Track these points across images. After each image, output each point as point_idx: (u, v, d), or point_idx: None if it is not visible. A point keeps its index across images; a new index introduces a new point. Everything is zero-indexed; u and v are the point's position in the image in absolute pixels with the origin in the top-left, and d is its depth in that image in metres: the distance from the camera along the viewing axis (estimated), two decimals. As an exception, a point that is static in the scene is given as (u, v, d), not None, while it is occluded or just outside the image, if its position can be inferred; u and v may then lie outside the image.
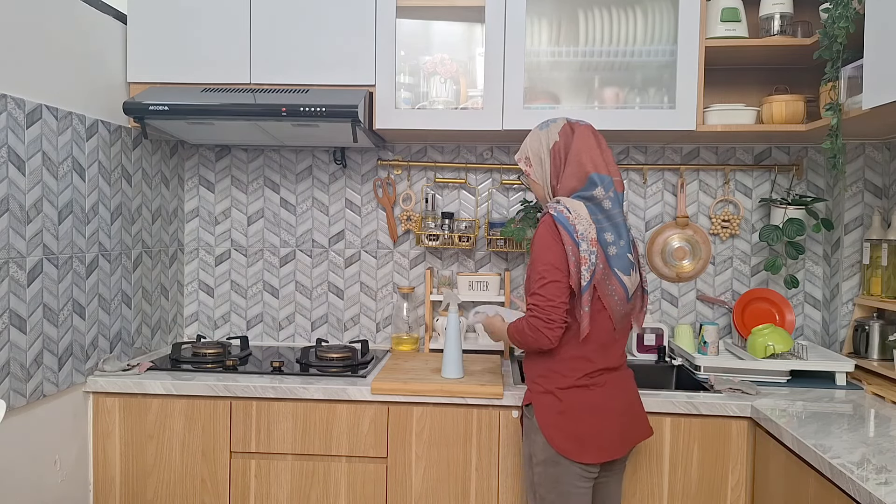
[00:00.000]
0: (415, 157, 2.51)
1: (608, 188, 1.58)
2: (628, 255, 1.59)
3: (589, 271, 1.51)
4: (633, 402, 1.66)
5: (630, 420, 1.63)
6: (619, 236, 1.58)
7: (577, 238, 1.52)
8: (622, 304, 1.59)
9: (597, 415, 1.57)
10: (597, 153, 1.60)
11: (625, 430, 1.61)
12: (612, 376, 1.61)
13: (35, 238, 1.75)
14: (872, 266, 2.14)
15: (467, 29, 2.29)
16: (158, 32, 2.16)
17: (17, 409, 1.71)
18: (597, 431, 1.56)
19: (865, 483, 1.25)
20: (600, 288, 1.56)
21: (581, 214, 1.54)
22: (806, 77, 2.27)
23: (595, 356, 1.58)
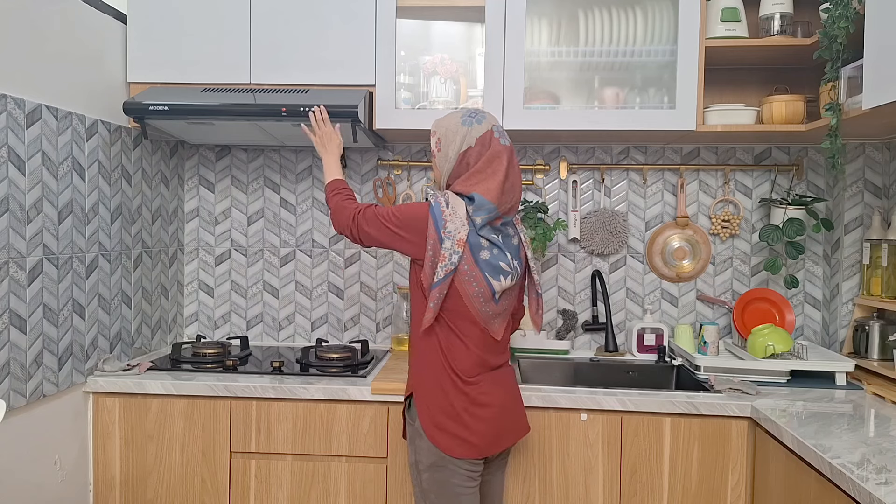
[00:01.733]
0: (415, 157, 2.51)
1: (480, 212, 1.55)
2: (502, 263, 1.59)
3: (445, 270, 1.52)
4: (512, 400, 1.68)
5: (509, 417, 1.66)
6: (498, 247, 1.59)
7: (442, 234, 1.54)
8: (486, 303, 1.58)
9: (476, 412, 1.60)
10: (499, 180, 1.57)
11: (504, 427, 1.64)
12: (491, 374, 1.64)
13: (35, 238, 1.75)
14: (872, 266, 2.14)
15: (467, 29, 2.29)
16: (158, 32, 2.16)
17: (17, 409, 1.71)
18: (477, 428, 1.59)
19: (865, 483, 1.25)
20: (463, 288, 1.56)
21: (458, 213, 1.55)
22: (806, 77, 2.27)
23: (468, 354, 1.60)
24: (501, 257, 1.60)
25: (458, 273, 1.56)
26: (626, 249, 2.47)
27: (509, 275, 1.61)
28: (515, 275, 1.63)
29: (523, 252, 1.69)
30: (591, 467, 1.88)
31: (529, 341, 2.37)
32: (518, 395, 1.72)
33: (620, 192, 2.46)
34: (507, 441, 1.66)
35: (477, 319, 1.60)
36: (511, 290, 1.65)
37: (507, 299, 1.64)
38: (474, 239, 1.56)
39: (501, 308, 1.63)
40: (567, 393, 1.87)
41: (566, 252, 2.48)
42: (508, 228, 1.66)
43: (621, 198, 2.46)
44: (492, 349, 1.64)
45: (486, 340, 1.62)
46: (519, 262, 1.66)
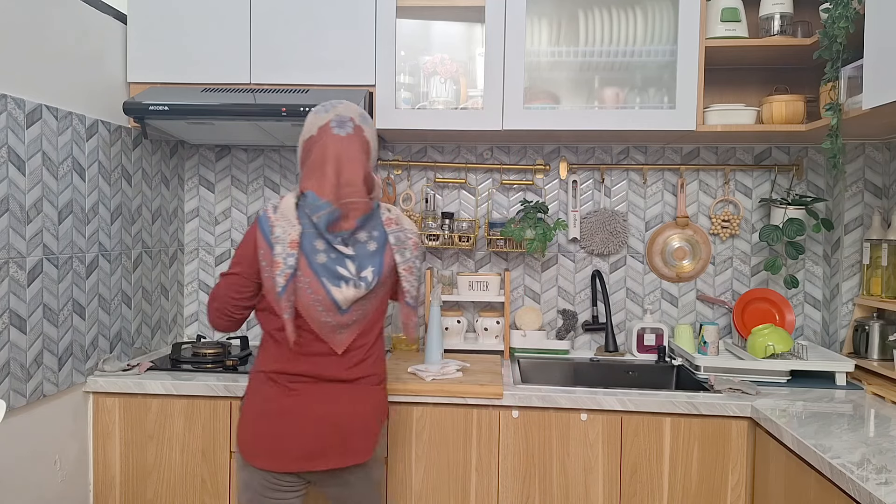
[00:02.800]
0: (415, 157, 2.51)
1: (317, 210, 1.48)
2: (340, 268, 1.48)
3: (284, 276, 1.45)
4: (337, 420, 1.52)
5: (329, 436, 1.51)
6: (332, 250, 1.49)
7: (271, 240, 1.47)
8: (328, 313, 1.49)
9: (286, 421, 1.50)
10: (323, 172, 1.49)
11: (319, 445, 1.50)
12: (317, 387, 1.52)
13: (35, 238, 1.75)
14: (872, 266, 2.14)
15: (467, 29, 2.29)
16: (158, 32, 2.16)
17: (17, 409, 1.71)
18: (282, 439, 1.49)
19: (865, 483, 1.25)
20: (300, 294, 1.48)
21: (287, 215, 1.48)
22: (806, 77, 2.27)
23: (296, 362, 1.52)
24: (340, 262, 1.48)
25: (295, 279, 1.46)
26: (626, 249, 2.47)
27: (350, 281, 1.48)
28: (364, 284, 1.50)
29: (389, 258, 1.55)
30: (591, 467, 1.88)
31: (530, 341, 2.37)
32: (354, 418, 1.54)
33: (620, 192, 2.46)
34: (322, 461, 1.51)
35: (315, 330, 1.50)
36: (366, 301, 1.53)
37: (359, 310, 1.53)
38: (308, 242, 1.47)
39: (349, 319, 1.52)
40: (567, 393, 1.87)
41: (566, 252, 2.48)
42: (361, 233, 1.53)
43: (621, 198, 2.46)
44: (322, 361, 1.52)
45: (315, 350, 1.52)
46: (376, 271, 1.52)
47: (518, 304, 2.50)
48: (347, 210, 1.50)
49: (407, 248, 1.58)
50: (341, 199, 1.49)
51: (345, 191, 1.49)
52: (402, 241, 1.58)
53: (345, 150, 1.51)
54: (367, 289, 1.51)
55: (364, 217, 1.53)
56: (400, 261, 1.57)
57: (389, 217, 1.58)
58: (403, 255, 1.57)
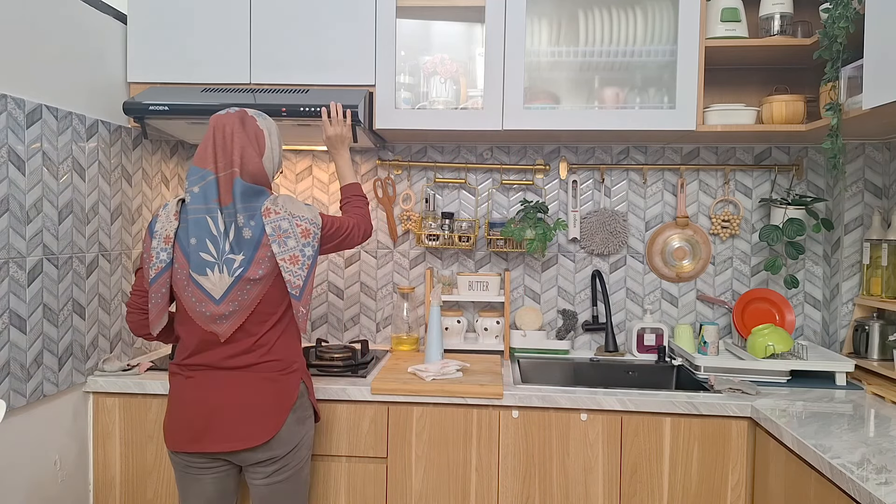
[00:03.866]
0: (415, 157, 2.51)
1: (195, 183, 1.56)
2: (203, 254, 1.53)
3: (155, 269, 1.56)
4: (226, 405, 1.58)
5: (217, 420, 1.57)
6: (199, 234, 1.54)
7: (153, 234, 1.59)
8: (203, 304, 1.54)
9: (182, 405, 1.61)
10: (206, 145, 1.58)
11: (206, 428, 1.57)
12: (211, 373, 1.60)
13: (35, 238, 1.75)
14: (872, 266, 2.14)
15: (467, 29, 2.29)
16: (158, 32, 2.16)
17: (17, 409, 1.71)
18: (180, 420, 1.60)
19: (865, 483, 1.25)
20: (178, 288, 1.58)
21: (168, 212, 1.59)
22: (806, 77, 2.27)
23: (190, 350, 1.61)
24: (203, 247, 1.53)
25: (173, 272, 1.57)
26: (626, 249, 2.47)
27: (214, 266, 1.53)
28: (228, 268, 1.54)
29: (265, 249, 1.56)
30: (591, 467, 1.88)
31: (530, 341, 2.37)
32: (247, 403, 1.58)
33: (620, 192, 2.46)
34: (208, 444, 1.57)
35: (195, 319, 1.56)
36: (244, 292, 1.55)
37: (236, 300, 1.55)
38: (184, 234, 1.55)
39: (226, 309, 1.55)
40: (567, 393, 1.88)
41: (566, 252, 2.48)
42: (241, 217, 1.55)
43: (621, 198, 2.46)
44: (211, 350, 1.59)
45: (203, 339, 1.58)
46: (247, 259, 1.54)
47: (518, 304, 2.50)
48: (226, 181, 1.56)
49: (291, 237, 1.57)
50: (219, 171, 1.57)
51: (223, 158, 1.57)
52: (285, 230, 1.57)
53: (226, 124, 1.60)
54: (231, 274, 1.54)
55: (243, 195, 1.56)
56: (278, 251, 1.56)
57: (270, 207, 1.58)
58: (285, 244, 1.56)
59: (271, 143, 1.66)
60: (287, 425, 1.62)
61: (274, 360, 1.62)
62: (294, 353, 1.67)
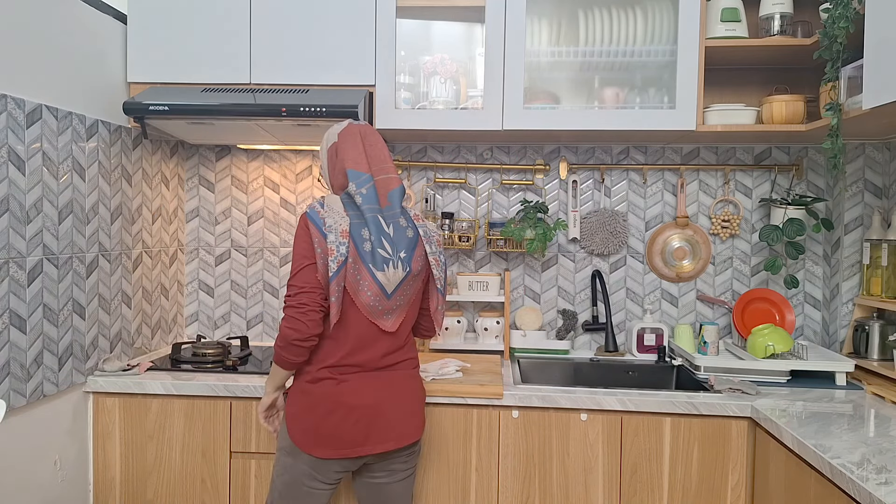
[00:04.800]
0: (415, 157, 2.51)
1: (362, 185, 1.62)
2: (380, 250, 1.58)
3: (336, 262, 1.55)
4: (384, 405, 1.60)
5: (377, 422, 1.59)
6: (376, 232, 1.59)
7: (324, 230, 1.57)
8: (377, 299, 1.58)
9: (337, 411, 1.57)
10: (357, 151, 1.64)
11: (367, 431, 1.58)
12: (365, 375, 1.61)
13: (35, 238, 1.75)
14: (872, 266, 2.15)
15: (467, 29, 2.29)
16: (158, 32, 2.16)
17: (17, 409, 1.71)
18: (333, 427, 1.57)
19: (865, 483, 1.25)
20: (350, 282, 1.57)
21: (335, 208, 1.62)
22: (806, 77, 2.27)
23: (345, 351, 1.60)
24: (379, 244, 1.59)
25: (346, 266, 1.57)
26: (626, 249, 2.47)
27: (389, 262, 1.59)
28: (403, 265, 1.61)
29: (422, 247, 1.66)
30: (591, 467, 1.88)
31: (530, 341, 2.37)
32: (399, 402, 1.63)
33: (620, 192, 2.46)
34: (369, 447, 1.59)
35: (366, 314, 1.60)
36: (407, 285, 1.63)
37: (402, 295, 1.63)
38: (356, 231, 1.59)
39: (395, 304, 1.62)
40: (567, 393, 1.88)
41: (566, 252, 2.48)
42: (400, 219, 1.64)
43: (621, 198, 2.46)
44: (369, 348, 1.61)
45: (365, 337, 1.60)
46: (410, 256, 1.62)
47: (518, 304, 2.50)
48: (382, 185, 1.64)
49: (432, 242, 1.70)
50: (377, 171, 1.65)
51: (377, 163, 1.66)
52: (429, 235, 1.70)
53: (369, 132, 1.69)
54: (404, 270, 1.61)
55: (399, 200, 1.67)
56: (430, 251, 1.69)
57: (417, 214, 1.72)
58: (431, 247, 1.69)
59: None
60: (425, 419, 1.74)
61: (411, 357, 1.71)
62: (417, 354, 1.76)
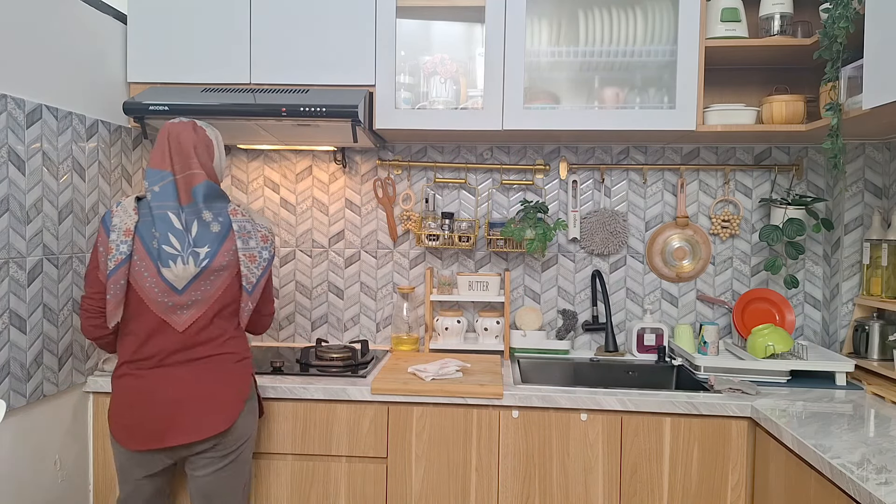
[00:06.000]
0: (415, 157, 2.51)
1: (154, 183, 1.65)
2: (166, 247, 1.61)
3: (115, 261, 1.60)
4: (185, 398, 1.63)
5: (178, 415, 1.62)
6: (162, 229, 1.62)
7: (109, 229, 1.63)
8: (165, 295, 1.62)
9: (136, 404, 1.63)
10: (161, 150, 1.67)
11: (167, 423, 1.62)
12: (166, 369, 1.64)
13: (35, 238, 1.75)
14: (872, 266, 2.14)
15: (467, 29, 2.29)
16: (158, 32, 2.16)
17: (17, 409, 1.71)
18: (138, 420, 1.62)
19: (865, 483, 1.25)
20: (136, 279, 1.62)
21: (126, 207, 1.65)
22: (806, 77, 2.27)
23: (139, 346, 1.64)
24: (166, 241, 1.62)
25: (132, 264, 1.62)
26: (626, 249, 2.47)
27: (177, 258, 1.61)
28: (196, 260, 1.63)
29: (230, 243, 1.67)
30: (591, 467, 1.88)
31: (530, 341, 2.37)
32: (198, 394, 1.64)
33: (620, 192, 2.46)
34: (165, 440, 1.62)
35: (154, 310, 1.62)
36: (205, 281, 1.64)
37: (198, 290, 1.64)
38: (145, 229, 1.62)
39: (188, 299, 1.63)
40: (567, 393, 1.88)
41: (566, 252, 2.48)
42: (204, 214, 1.66)
43: (621, 198, 2.46)
44: (162, 342, 1.64)
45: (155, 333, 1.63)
46: (212, 252, 1.64)
47: (518, 304, 2.50)
48: (185, 182, 1.65)
49: (253, 238, 1.71)
50: (177, 173, 1.65)
51: (180, 160, 1.66)
52: (248, 231, 1.70)
53: (179, 130, 1.69)
54: (197, 265, 1.63)
55: (206, 196, 1.67)
56: (241, 247, 1.68)
57: (237, 209, 1.72)
58: (247, 242, 1.69)
59: (219, 151, 1.77)
60: (242, 415, 1.70)
61: (229, 352, 1.70)
62: (246, 347, 1.77)
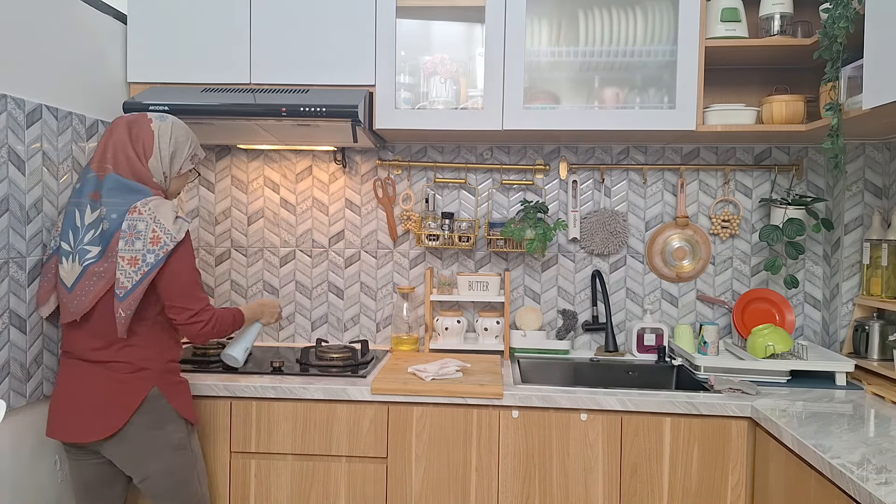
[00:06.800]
0: (415, 157, 2.51)
1: (79, 180, 1.69)
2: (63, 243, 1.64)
3: (46, 253, 1.72)
4: (76, 397, 1.65)
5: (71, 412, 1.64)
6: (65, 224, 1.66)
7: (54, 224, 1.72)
8: (63, 293, 1.64)
9: (54, 393, 1.69)
10: (99, 146, 1.70)
11: (65, 417, 1.65)
12: (74, 364, 1.67)
13: (35, 238, 1.75)
14: (872, 266, 2.14)
15: (467, 29, 2.29)
16: (158, 32, 2.16)
17: (17, 409, 1.70)
18: (52, 408, 1.68)
19: (865, 483, 1.25)
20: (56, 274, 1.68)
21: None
22: (806, 77, 2.27)
23: (66, 337, 1.70)
24: (65, 237, 1.64)
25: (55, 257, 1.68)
26: (626, 249, 2.47)
27: (69, 255, 1.63)
28: (79, 258, 1.62)
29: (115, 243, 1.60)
30: (591, 467, 1.88)
31: (530, 341, 2.37)
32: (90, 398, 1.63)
33: (620, 192, 2.46)
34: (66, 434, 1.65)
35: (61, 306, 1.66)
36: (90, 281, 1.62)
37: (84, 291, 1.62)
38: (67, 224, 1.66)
39: (75, 298, 1.62)
40: (567, 393, 1.88)
41: (566, 252, 2.48)
42: (103, 209, 1.62)
43: (621, 198, 2.46)
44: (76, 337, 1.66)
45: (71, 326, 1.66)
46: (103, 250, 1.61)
47: (518, 304, 2.50)
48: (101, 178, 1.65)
49: (140, 240, 1.59)
50: (103, 165, 1.66)
51: (101, 160, 1.67)
52: (139, 231, 1.59)
53: (114, 126, 1.71)
54: (80, 264, 1.62)
55: (110, 191, 1.64)
56: (122, 248, 1.58)
57: (138, 206, 1.61)
58: (132, 244, 1.58)
59: (160, 146, 1.71)
60: (137, 428, 1.65)
61: (123, 361, 1.65)
62: (148, 357, 1.67)
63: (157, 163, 1.71)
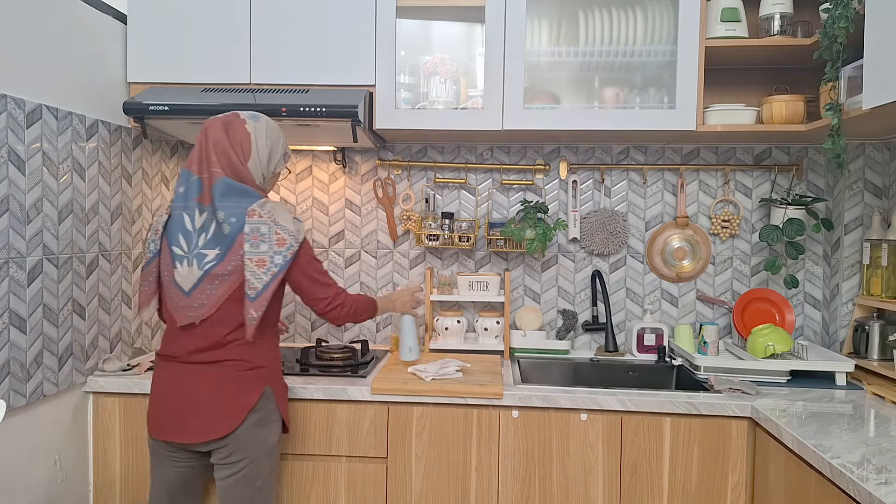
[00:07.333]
0: (415, 157, 2.51)
1: (181, 184, 1.66)
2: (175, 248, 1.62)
3: (145, 258, 1.69)
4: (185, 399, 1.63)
5: (180, 414, 1.63)
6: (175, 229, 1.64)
7: (151, 227, 1.70)
8: (177, 296, 1.63)
9: (154, 395, 1.69)
10: (195, 150, 1.66)
11: (173, 420, 1.64)
12: (175, 365, 1.65)
13: (35, 238, 1.75)
14: (872, 266, 2.14)
15: (467, 29, 2.29)
16: (158, 32, 2.16)
17: (17, 409, 1.71)
18: (158, 410, 1.68)
19: (865, 483, 1.25)
20: (164, 277, 1.66)
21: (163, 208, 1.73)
22: (806, 77, 2.27)
23: (166, 341, 1.69)
24: (176, 242, 1.62)
25: (161, 263, 1.66)
26: (626, 249, 2.47)
27: (184, 259, 1.61)
28: (197, 262, 1.59)
29: (238, 246, 1.59)
30: (591, 467, 1.88)
31: (530, 341, 2.37)
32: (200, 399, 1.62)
33: (620, 192, 2.46)
34: (173, 434, 1.64)
35: (171, 310, 1.65)
36: (209, 284, 1.60)
37: (203, 294, 1.60)
38: (171, 228, 1.65)
39: (195, 302, 1.60)
40: (567, 393, 1.88)
41: (566, 252, 2.48)
42: (220, 213, 1.60)
43: (621, 198, 2.46)
44: (179, 341, 1.65)
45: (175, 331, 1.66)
46: (221, 255, 1.59)
47: (518, 304, 2.50)
48: (207, 182, 1.62)
49: (265, 242, 1.60)
50: (202, 173, 1.64)
51: (204, 164, 1.64)
52: (262, 234, 1.60)
53: (209, 128, 1.67)
54: (200, 268, 1.60)
55: (222, 194, 1.61)
56: (248, 250, 1.59)
57: (256, 210, 1.61)
58: (257, 246, 1.59)
59: (258, 147, 1.68)
60: (246, 427, 1.63)
61: (238, 359, 1.64)
62: (262, 356, 1.68)
63: (255, 164, 1.68)
